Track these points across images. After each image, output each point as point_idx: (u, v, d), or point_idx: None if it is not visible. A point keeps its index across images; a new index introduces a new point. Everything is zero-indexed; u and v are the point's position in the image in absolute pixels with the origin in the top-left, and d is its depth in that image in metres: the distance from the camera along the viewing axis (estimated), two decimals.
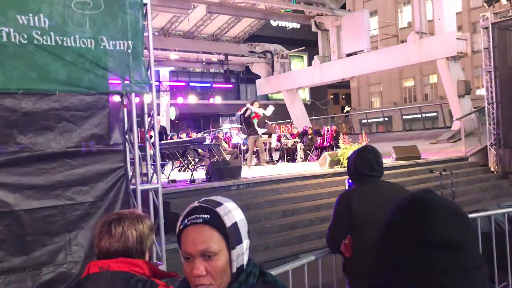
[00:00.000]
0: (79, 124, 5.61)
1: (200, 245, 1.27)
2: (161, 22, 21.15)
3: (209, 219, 1.29)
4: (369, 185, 3.28)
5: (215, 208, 1.32)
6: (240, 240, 1.33)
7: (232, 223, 1.32)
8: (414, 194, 0.99)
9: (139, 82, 6.18)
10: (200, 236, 1.28)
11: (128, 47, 5.99)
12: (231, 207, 1.36)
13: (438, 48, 16.76)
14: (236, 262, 1.32)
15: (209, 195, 6.01)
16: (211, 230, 1.29)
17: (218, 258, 1.28)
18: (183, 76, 35.00)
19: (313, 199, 10.25)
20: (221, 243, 1.29)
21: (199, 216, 1.31)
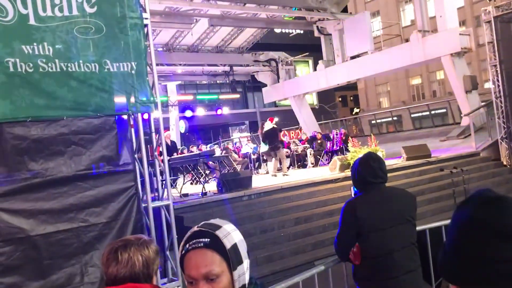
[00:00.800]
0: (88, 147, 5.71)
1: (202, 269, 1.31)
2: (165, 38, 21.36)
3: (209, 243, 1.34)
4: (374, 192, 3.30)
5: (215, 231, 1.36)
6: (241, 260, 1.36)
7: (232, 244, 1.35)
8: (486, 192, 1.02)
9: (144, 102, 6.27)
10: (202, 260, 1.32)
11: (131, 68, 6.09)
12: (230, 229, 1.39)
13: (441, 45, 16.71)
14: (238, 282, 1.35)
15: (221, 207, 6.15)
16: (212, 253, 1.33)
17: (221, 280, 1.32)
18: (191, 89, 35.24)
19: (325, 204, 10.25)
20: (223, 265, 1.33)
21: (199, 240, 1.35)
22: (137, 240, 1.97)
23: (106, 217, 5.73)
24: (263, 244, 8.64)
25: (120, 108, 6.15)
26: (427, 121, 25.65)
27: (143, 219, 6.11)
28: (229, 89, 26.19)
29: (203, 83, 36.07)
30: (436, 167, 12.01)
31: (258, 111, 36.55)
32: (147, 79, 6.32)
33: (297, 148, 17.70)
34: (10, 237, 5.07)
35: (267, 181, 12.67)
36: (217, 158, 12.76)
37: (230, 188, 10.03)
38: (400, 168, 12.27)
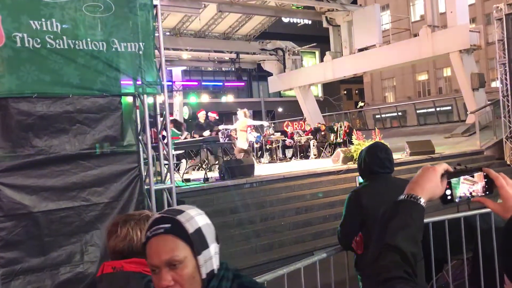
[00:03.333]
0: (92, 126, 5.69)
1: (164, 255, 1.26)
2: (172, 22, 21.25)
3: (170, 228, 1.28)
4: (379, 182, 3.29)
5: (176, 216, 1.30)
6: (206, 245, 1.31)
7: (195, 229, 1.30)
8: None
9: (151, 83, 6.24)
10: (163, 246, 1.27)
11: (139, 49, 6.05)
12: (194, 213, 1.34)
13: (451, 41, 16.59)
14: (205, 267, 1.30)
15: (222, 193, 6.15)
16: (174, 239, 1.27)
17: (184, 266, 1.27)
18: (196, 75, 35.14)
19: (327, 196, 10.25)
20: (186, 250, 1.27)
21: (160, 226, 1.28)
22: (139, 215, 1.97)
23: (108, 197, 5.73)
24: (263, 232, 8.67)
25: (126, 89, 6.13)
26: (432, 117, 25.56)
27: (145, 201, 6.12)
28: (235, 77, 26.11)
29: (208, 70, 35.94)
30: (440, 163, 11.99)
31: (263, 100, 36.47)
32: (154, 61, 6.29)
33: (300, 139, 17.68)
34: (12, 212, 5.08)
35: (269, 169, 12.68)
36: (220, 144, 12.74)
37: (232, 175, 10.04)
38: (403, 163, 12.24)
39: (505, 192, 1.21)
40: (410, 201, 1.17)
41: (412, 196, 1.18)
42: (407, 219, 1.14)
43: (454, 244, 4.05)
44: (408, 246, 1.11)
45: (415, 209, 1.16)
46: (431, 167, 1.24)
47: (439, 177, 1.22)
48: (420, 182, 1.21)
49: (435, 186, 1.20)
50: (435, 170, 1.22)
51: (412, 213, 1.15)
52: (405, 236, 1.13)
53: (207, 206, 9.09)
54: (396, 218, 1.16)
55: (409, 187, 1.21)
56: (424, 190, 1.19)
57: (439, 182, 1.21)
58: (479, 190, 1.24)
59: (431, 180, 1.20)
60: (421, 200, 1.18)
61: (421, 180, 1.21)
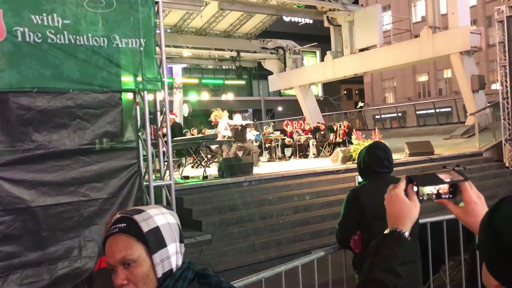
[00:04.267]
0: (92, 122, 5.69)
1: (117, 254, 1.28)
2: (173, 19, 21.23)
3: (125, 227, 1.29)
4: (378, 181, 3.28)
5: (133, 216, 1.31)
6: (163, 244, 1.30)
7: (152, 228, 1.30)
8: None
9: (151, 79, 6.25)
10: (117, 245, 1.29)
11: (140, 45, 6.06)
12: (154, 213, 1.33)
13: (451, 42, 16.58)
14: (161, 267, 1.30)
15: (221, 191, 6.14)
16: (127, 238, 1.28)
17: (138, 265, 1.27)
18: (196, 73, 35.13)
19: (325, 195, 10.25)
20: (140, 249, 1.28)
21: (116, 226, 1.31)
22: None
23: (107, 193, 5.74)
24: (262, 230, 8.67)
25: (126, 85, 6.13)
26: (431, 118, 25.57)
27: (144, 197, 6.13)
28: (235, 75, 26.07)
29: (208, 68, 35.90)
30: (438, 164, 11.98)
31: (263, 99, 36.46)
32: (155, 57, 6.29)
33: (299, 138, 17.68)
34: (11, 206, 5.08)
35: (268, 168, 12.67)
36: (220, 142, 12.74)
37: (231, 172, 10.04)
38: (402, 164, 12.24)
39: (468, 196, 1.24)
40: (394, 236, 1.23)
41: (395, 231, 1.23)
42: (390, 253, 1.20)
43: (452, 245, 4.05)
44: (389, 278, 1.18)
45: (398, 244, 1.22)
46: (393, 195, 1.25)
47: (406, 198, 1.24)
48: (398, 215, 1.24)
49: (410, 211, 1.24)
50: (399, 197, 1.24)
51: (395, 247, 1.21)
52: (386, 269, 1.18)
53: (206, 203, 9.09)
54: (380, 252, 1.22)
55: (390, 222, 1.25)
56: (404, 221, 1.24)
57: (412, 203, 1.24)
58: (446, 190, 1.25)
59: (403, 208, 1.23)
60: (404, 233, 1.23)
61: (397, 213, 1.24)
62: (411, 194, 1.24)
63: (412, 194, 1.24)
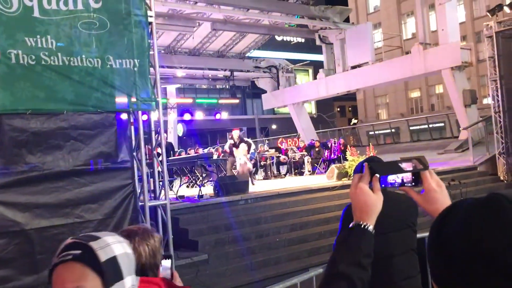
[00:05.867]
0: (86, 143, 5.67)
1: (68, 285, 1.15)
2: (167, 40, 21.36)
3: (79, 255, 1.17)
4: None
5: (89, 242, 1.20)
6: (121, 276, 1.20)
7: (110, 257, 1.19)
8: None
9: (145, 99, 6.26)
10: (69, 275, 1.16)
11: (134, 65, 6.08)
12: (111, 241, 1.23)
13: (442, 58, 16.77)
14: None
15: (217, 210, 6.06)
16: (82, 267, 1.16)
17: None
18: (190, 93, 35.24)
19: (322, 212, 10.21)
20: (95, 280, 1.16)
21: (69, 252, 1.18)
22: (140, 230, 1.92)
23: (101, 214, 5.69)
24: (258, 249, 8.60)
25: (121, 105, 6.13)
26: (425, 134, 25.70)
27: (139, 218, 6.08)
28: (229, 94, 26.19)
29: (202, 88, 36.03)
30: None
31: (257, 117, 36.56)
32: (149, 77, 6.31)
33: (294, 156, 17.69)
34: (4, 230, 5.02)
35: (263, 186, 12.63)
36: (215, 161, 12.73)
37: (227, 191, 10.01)
38: None
39: (428, 184, 1.27)
40: (358, 229, 1.23)
41: (360, 225, 1.24)
42: (354, 247, 1.21)
43: None
44: (355, 271, 1.18)
45: (363, 237, 1.23)
46: (357, 189, 1.25)
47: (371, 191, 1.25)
48: (363, 209, 1.24)
49: (374, 203, 1.24)
50: (363, 190, 1.24)
51: (359, 241, 1.22)
52: (351, 262, 1.19)
53: (202, 222, 9.02)
54: (344, 246, 1.23)
55: (356, 216, 1.26)
56: (369, 215, 1.24)
57: (376, 196, 1.25)
58: (409, 178, 1.28)
59: (368, 201, 1.24)
60: (369, 227, 1.23)
61: (362, 206, 1.25)
62: (376, 186, 1.24)
63: (377, 186, 1.25)
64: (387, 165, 1.31)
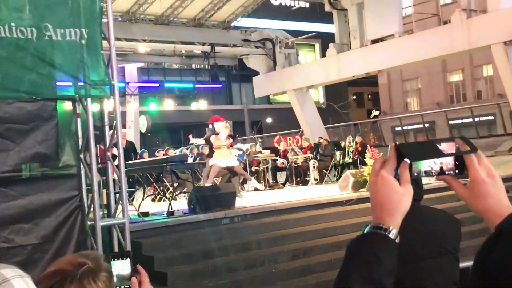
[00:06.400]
0: (17, 141, 5.62)
1: None
2: (125, 4, 21.28)
3: None
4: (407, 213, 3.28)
5: None
6: None
7: None
8: None
9: (97, 83, 6.22)
10: None
11: (81, 37, 6.03)
12: (10, 275, 1.29)
13: (492, 29, 16.84)
14: None
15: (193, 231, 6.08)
16: None
17: None
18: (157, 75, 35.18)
19: (332, 234, 10.22)
20: None
21: None
22: (79, 268, 1.82)
23: (37, 237, 5.65)
24: (249, 283, 8.59)
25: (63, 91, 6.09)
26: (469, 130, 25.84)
27: (88, 242, 6.04)
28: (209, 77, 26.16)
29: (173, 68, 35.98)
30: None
31: (246, 108, 36.59)
32: (101, 53, 6.27)
33: (296, 159, 17.69)
34: None
35: (255, 199, 12.62)
36: (190, 166, 12.69)
37: (206, 207, 9.98)
38: (432, 190, 12.29)
39: (474, 172, 1.23)
40: (377, 235, 1.20)
41: (378, 227, 1.21)
42: (371, 259, 1.17)
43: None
44: None
45: (382, 245, 1.19)
46: (378, 179, 1.23)
47: (397, 182, 1.22)
48: (384, 206, 1.22)
49: (401, 198, 1.21)
50: (386, 181, 1.22)
51: (377, 251, 1.19)
52: (367, 279, 1.16)
53: (173, 248, 8.98)
54: (357, 257, 1.20)
55: (375, 215, 1.23)
56: (392, 215, 1.21)
57: (403, 189, 1.22)
58: (450, 164, 1.24)
59: (391, 194, 1.21)
60: (391, 231, 1.20)
61: (383, 202, 1.22)
62: (404, 176, 1.21)
63: (406, 176, 1.21)
64: (421, 147, 1.28)
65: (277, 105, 37.57)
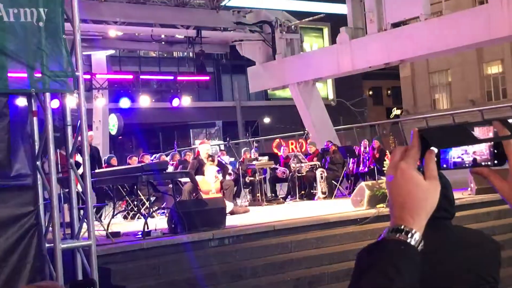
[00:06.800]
0: None
1: None
2: None
3: None
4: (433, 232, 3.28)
5: None
6: None
7: None
8: None
9: (57, 74, 6.21)
10: None
11: (39, 19, 6.03)
12: None
13: None
14: None
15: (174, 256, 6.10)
16: None
17: None
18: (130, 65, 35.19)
19: (344, 259, 10.22)
20: None
21: None
22: None
23: None
24: None
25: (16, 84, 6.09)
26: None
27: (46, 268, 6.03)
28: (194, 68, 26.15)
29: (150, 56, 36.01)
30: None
31: (239, 105, 36.61)
32: (63, 38, 6.27)
33: (300, 167, 17.69)
34: None
35: (250, 217, 12.62)
36: (171, 176, 12.67)
37: (190, 225, 9.98)
38: (465, 206, 12.33)
39: None
40: (397, 240, 1.19)
41: (398, 229, 1.20)
42: (390, 271, 1.15)
43: None
44: None
45: (403, 254, 1.18)
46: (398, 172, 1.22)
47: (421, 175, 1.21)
48: (406, 205, 1.20)
49: (426, 196, 1.20)
50: (406, 173, 1.20)
51: (397, 261, 1.17)
52: None
53: (149, 276, 8.98)
54: (372, 270, 1.18)
55: (394, 216, 1.22)
56: (416, 214, 1.20)
57: (429, 183, 1.20)
58: (485, 153, 1.23)
59: (413, 190, 1.19)
60: (414, 234, 1.19)
61: (404, 200, 1.20)
62: (430, 167, 1.20)
63: (432, 167, 1.20)
64: (450, 132, 1.26)
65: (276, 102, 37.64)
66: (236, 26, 24.32)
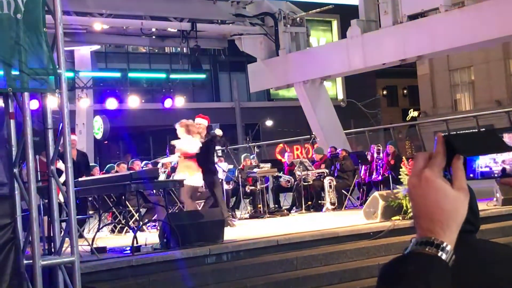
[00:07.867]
0: None
1: None
2: None
3: None
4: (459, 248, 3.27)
5: None
6: None
7: None
8: None
9: (37, 72, 6.22)
10: None
11: (16, 10, 6.04)
12: None
13: None
14: None
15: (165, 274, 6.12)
16: None
17: None
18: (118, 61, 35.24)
19: (355, 277, 10.23)
20: None
21: None
22: None
23: None
24: None
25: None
26: None
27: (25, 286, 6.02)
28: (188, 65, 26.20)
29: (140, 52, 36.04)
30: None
31: (238, 106, 36.62)
32: (44, 32, 6.28)
33: (306, 176, 17.70)
34: None
35: (250, 230, 12.61)
36: (163, 185, 12.68)
37: (184, 240, 9.98)
38: (491, 218, 12.32)
39: None
40: (423, 256, 1.20)
41: (428, 242, 1.21)
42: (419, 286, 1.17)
43: None
44: None
45: (433, 268, 1.19)
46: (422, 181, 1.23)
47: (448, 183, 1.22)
48: (434, 216, 1.22)
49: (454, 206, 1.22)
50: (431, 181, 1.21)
51: (426, 276, 1.18)
52: None
53: None
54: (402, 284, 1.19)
55: (420, 227, 1.23)
56: (445, 225, 1.23)
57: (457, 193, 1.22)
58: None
59: (441, 201, 1.21)
60: (445, 248, 1.22)
61: (429, 210, 1.22)
62: (458, 175, 1.21)
63: (460, 175, 1.21)
64: (478, 138, 1.28)
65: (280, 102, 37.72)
66: (235, 18, 24.36)
